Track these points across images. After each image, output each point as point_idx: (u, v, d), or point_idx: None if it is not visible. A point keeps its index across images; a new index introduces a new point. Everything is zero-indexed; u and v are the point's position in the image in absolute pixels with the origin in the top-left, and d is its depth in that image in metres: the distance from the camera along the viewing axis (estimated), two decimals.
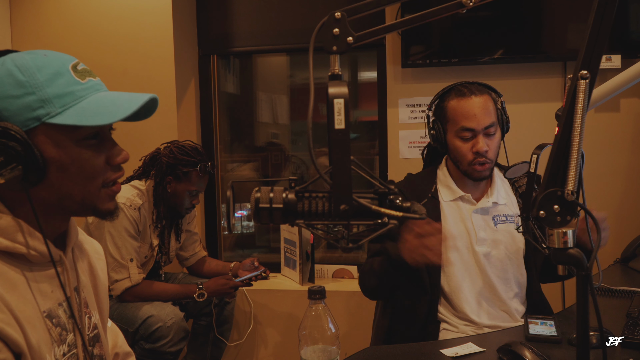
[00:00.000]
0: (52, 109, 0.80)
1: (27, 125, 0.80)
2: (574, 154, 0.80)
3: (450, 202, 1.63)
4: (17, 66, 0.81)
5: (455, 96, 1.60)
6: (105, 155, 0.88)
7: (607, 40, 0.80)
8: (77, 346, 0.90)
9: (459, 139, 1.59)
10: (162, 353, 2.02)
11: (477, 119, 1.54)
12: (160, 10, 2.63)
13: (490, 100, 1.58)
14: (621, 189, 2.52)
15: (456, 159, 1.62)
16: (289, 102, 3.18)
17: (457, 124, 1.58)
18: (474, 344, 1.27)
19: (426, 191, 1.64)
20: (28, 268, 0.85)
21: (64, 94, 0.82)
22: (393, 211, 0.72)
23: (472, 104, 1.56)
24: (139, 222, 2.13)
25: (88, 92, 0.84)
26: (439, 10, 0.81)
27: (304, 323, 0.98)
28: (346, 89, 0.68)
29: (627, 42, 2.37)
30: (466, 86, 1.60)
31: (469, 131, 1.56)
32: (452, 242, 1.59)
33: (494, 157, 1.59)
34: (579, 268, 0.82)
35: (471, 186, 1.65)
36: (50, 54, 0.84)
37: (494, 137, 1.58)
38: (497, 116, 1.59)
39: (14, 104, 0.79)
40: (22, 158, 0.78)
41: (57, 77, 0.82)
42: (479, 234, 1.59)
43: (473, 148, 1.56)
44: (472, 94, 1.57)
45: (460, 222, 1.61)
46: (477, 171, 1.57)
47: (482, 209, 1.62)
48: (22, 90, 0.80)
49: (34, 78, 0.80)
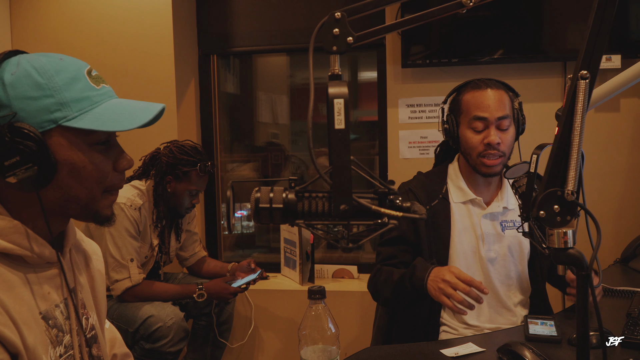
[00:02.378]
0: (69, 113, 0.82)
1: (43, 127, 0.81)
2: (574, 154, 0.80)
3: (461, 204, 1.61)
4: (35, 68, 0.82)
5: (471, 89, 1.58)
6: (113, 161, 0.90)
7: (607, 40, 0.80)
8: (73, 347, 0.90)
9: (470, 130, 1.56)
10: (162, 353, 2.02)
11: (490, 109, 1.53)
12: (160, 10, 2.63)
13: (505, 95, 1.57)
14: (621, 189, 2.52)
15: (466, 152, 1.58)
16: (289, 102, 3.18)
17: (470, 114, 1.56)
18: (474, 344, 1.27)
19: (437, 192, 1.62)
20: (25, 269, 0.85)
21: (81, 98, 0.83)
22: (393, 211, 0.72)
23: (486, 95, 1.55)
24: (139, 222, 2.13)
25: (102, 99, 0.87)
26: (439, 10, 0.81)
27: (304, 323, 0.98)
28: (346, 89, 0.68)
29: (627, 42, 2.37)
30: (483, 80, 1.60)
31: (481, 120, 1.54)
32: (459, 246, 1.58)
33: (507, 152, 1.56)
34: (579, 268, 0.82)
35: (482, 187, 1.62)
36: (66, 59, 0.86)
37: (507, 132, 1.55)
38: (512, 113, 1.57)
39: (32, 105, 0.80)
40: (37, 159, 0.79)
41: (74, 82, 0.84)
42: (487, 240, 1.58)
43: (485, 139, 1.53)
44: (487, 87, 1.56)
45: (469, 226, 1.60)
46: (485, 165, 1.54)
47: (491, 214, 1.60)
48: (40, 92, 0.81)
49: (52, 81, 0.82)
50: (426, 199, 1.61)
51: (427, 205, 1.59)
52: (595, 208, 1.95)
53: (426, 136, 2.63)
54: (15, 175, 0.78)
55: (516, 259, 1.60)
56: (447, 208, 1.60)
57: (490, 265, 1.58)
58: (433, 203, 1.60)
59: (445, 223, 1.58)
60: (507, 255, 1.59)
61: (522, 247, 1.60)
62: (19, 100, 0.80)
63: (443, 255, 1.58)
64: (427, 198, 1.61)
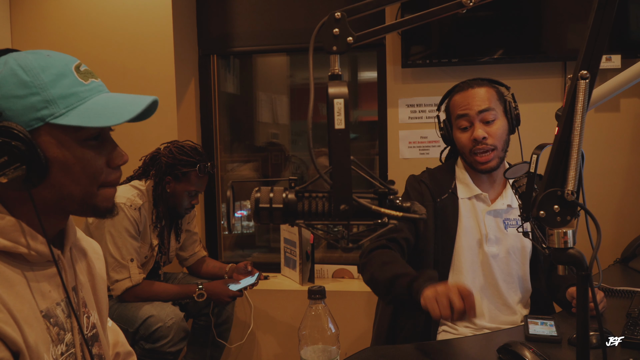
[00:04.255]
0: (56, 110, 0.81)
1: (31, 126, 0.80)
2: (574, 154, 0.80)
3: (467, 200, 1.63)
4: (20, 66, 0.81)
5: (456, 92, 1.64)
6: (106, 157, 0.88)
7: (607, 40, 0.80)
8: (75, 346, 0.90)
9: (458, 130, 1.61)
10: (162, 353, 2.02)
11: (470, 105, 1.57)
12: (161, 10, 2.63)
13: (490, 90, 1.60)
14: (621, 189, 2.52)
15: (461, 152, 1.64)
16: (289, 102, 3.18)
17: (455, 115, 1.61)
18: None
19: (447, 186, 1.64)
20: (26, 268, 0.85)
21: (68, 94, 0.82)
22: (393, 211, 0.72)
23: (468, 94, 1.59)
24: (139, 222, 2.13)
25: (91, 94, 0.85)
26: (439, 10, 0.81)
27: (304, 323, 0.98)
28: (346, 89, 0.68)
29: (627, 42, 2.37)
30: (467, 81, 1.64)
31: (463, 118, 1.58)
32: (464, 241, 1.59)
33: (497, 144, 1.57)
34: (579, 268, 0.82)
35: (486, 184, 1.65)
36: (53, 55, 0.85)
37: (493, 124, 1.57)
38: (502, 106, 1.59)
39: (18, 104, 0.79)
40: (25, 158, 0.78)
41: (61, 78, 0.82)
42: (490, 235, 1.59)
43: (471, 136, 1.57)
44: (469, 86, 1.60)
45: (474, 222, 1.61)
46: (478, 162, 1.57)
47: (495, 211, 1.62)
48: (26, 90, 0.80)
49: (38, 78, 0.81)
50: (437, 191, 1.63)
51: (437, 198, 1.61)
52: (595, 208, 1.95)
53: (426, 136, 2.63)
54: (5, 175, 0.78)
55: (518, 257, 1.61)
56: (456, 203, 1.62)
57: (493, 262, 1.59)
58: (443, 197, 1.62)
59: (453, 218, 1.60)
60: (509, 253, 1.60)
61: (524, 246, 1.61)
62: (5, 100, 0.79)
63: (448, 249, 1.59)
64: (437, 191, 1.63)
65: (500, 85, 1.65)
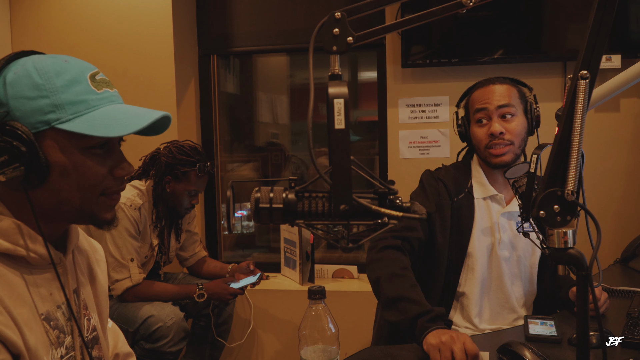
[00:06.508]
0: (62, 115, 0.81)
1: (37, 128, 0.80)
2: (574, 154, 0.80)
3: (482, 200, 1.62)
4: (36, 68, 0.81)
5: (476, 88, 1.63)
6: (110, 166, 0.88)
7: (607, 40, 0.80)
8: (75, 349, 0.90)
9: (476, 125, 1.60)
10: (162, 353, 2.02)
11: (490, 100, 1.56)
12: (160, 10, 2.63)
13: (512, 88, 1.58)
14: (621, 189, 2.52)
15: (476, 147, 1.62)
16: (289, 102, 3.18)
17: (474, 109, 1.60)
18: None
19: (463, 186, 1.63)
20: (27, 270, 0.85)
21: (78, 101, 0.82)
22: (393, 211, 0.72)
23: (488, 89, 1.58)
24: (140, 222, 2.13)
25: (102, 103, 0.85)
26: (439, 10, 0.81)
27: (304, 323, 0.98)
28: (346, 89, 0.68)
29: (627, 42, 2.37)
30: (489, 78, 1.63)
31: (482, 111, 1.57)
32: (478, 242, 1.58)
33: (515, 140, 1.55)
34: (579, 268, 0.82)
35: (501, 185, 1.63)
36: (71, 61, 0.85)
37: (512, 120, 1.55)
38: (522, 105, 1.58)
39: (27, 105, 0.80)
40: (25, 159, 0.78)
41: (73, 85, 0.82)
42: (503, 238, 1.58)
43: (488, 131, 1.55)
44: (491, 83, 1.59)
45: (488, 223, 1.60)
46: (493, 155, 1.55)
47: (509, 213, 1.60)
48: (37, 92, 0.80)
49: (50, 82, 0.81)
50: (454, 190, 1.61)
51: (454, 197, 1.60)
52: (595, 208, 1.95)
53: (426, 136, 2.63)
54: (3, 174, 0.78)
55: (528, 260, 1.60)
56: (472, 203, 1.60)
57: (504, 264, 1.58)
58: (460, 196, 1.60)
59: (469, 218, 1.58)
60: (521, 256, 1.59)
61: (535, 249, 1.60)
62: (15, 100, 0.79)
63: (462, 250, 1.58)
64: (454, 190, 1.61)
65: (523, 85, 1.63)
